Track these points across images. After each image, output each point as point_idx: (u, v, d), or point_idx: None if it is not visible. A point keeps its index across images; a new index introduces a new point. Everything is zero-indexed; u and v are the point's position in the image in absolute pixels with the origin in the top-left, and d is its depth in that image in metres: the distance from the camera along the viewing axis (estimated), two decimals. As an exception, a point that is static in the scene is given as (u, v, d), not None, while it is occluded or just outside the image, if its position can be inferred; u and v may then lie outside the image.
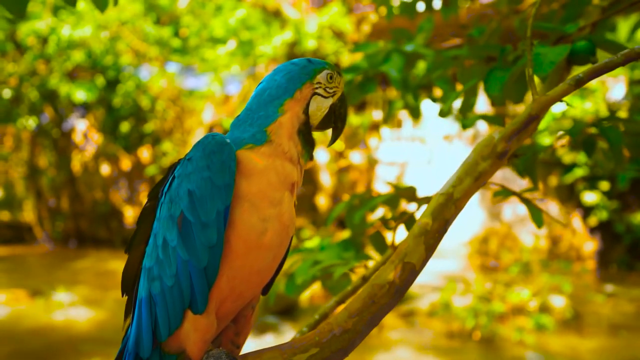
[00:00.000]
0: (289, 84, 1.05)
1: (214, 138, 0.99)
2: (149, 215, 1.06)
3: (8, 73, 10.60)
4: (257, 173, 0.99)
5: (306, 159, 1.06)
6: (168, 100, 12.06)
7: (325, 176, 12.58)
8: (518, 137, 0.93)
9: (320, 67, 1.07)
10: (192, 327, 0.96)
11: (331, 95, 1.08)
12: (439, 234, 0.92)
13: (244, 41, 10.71)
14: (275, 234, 1.00)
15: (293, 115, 1.04)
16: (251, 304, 1.08)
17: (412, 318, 8.42)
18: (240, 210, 0.97)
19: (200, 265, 0.93)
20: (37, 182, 12.60)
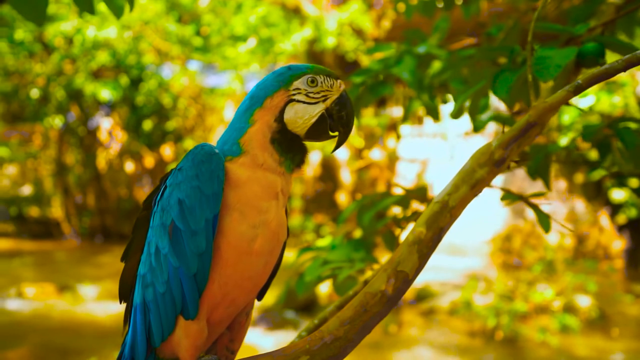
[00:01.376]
0: (261, 92, 1.04)
1: (202, 148, 1.00)
2: (143, 224, 1.08)
3: (36, 73, 10.91)
4: (241, 184, 1.00)
5: (289, 167, 1.04)
6: (189, 98, 12.22)
7: (345, 173, 12.56)
8: (516, 144, 0.91)
9: (299, 72, 1.05)
10: (183, 333, 0.97)
11: (320, 101, 1.04)
12: (433, 242, 0.91)
13: (264, 39, 10.76)
14: (265, 240, 1.01)
15: (263, 125, 1.02)
16: (245, 310, 1.10)
17: (432, 316, 8.35)
18: (230, 219, 0.98)
19: (190, 272, 0.95)
20: (65, 179, 12.94)
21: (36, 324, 7.49)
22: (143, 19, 10.57)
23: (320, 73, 1.05)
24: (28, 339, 6.86)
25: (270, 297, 8.16)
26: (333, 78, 1.06)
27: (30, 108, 12.09)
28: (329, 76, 1.05)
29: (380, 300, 0.88)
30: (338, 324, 0.88)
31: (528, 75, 0.96)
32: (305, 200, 13.02)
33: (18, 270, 9.99)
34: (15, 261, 10.74)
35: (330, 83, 1.05)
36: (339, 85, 1.06)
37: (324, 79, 1.04)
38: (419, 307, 8.68)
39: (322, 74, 1.05)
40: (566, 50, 1.06)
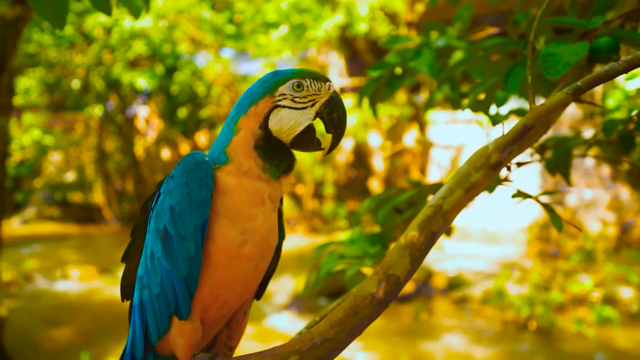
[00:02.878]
0: (246, 100, 1.05)
1: (193, 157, 1.03)
2: (141, 228, 1.13)
3: (76, 64, 11.29)
4: (229, 191, 1.02)
5: (274, 173, 1.04)
6: (223, 86, 12.37)
7: (377, 160, 12.48)
8: (515, 147, 0.89)
9: (283, 77, 1.03)
10: (178, 332, 1.02)
11: (308, 105, 1.03)
12: (426, 246, 0.91)
13: (295, 25, 10.72)
14: (255, 245, 1.03)
15: (247, 132, 1.02)
16: (242, 309, 1.13)
17: (464, 305, 8.26)
18: (219, 225, 1.01)
19: (181, 275, 0.98)
20: (105, 166, 13.41)
21: (81, 304, 7.87)
22: (177, 7, 10.72)
23: (306, 77, 1.03)
24: (74, 319, 7.22)
25: (302, 283, 8.27)
26: (321, 81, 1.04)
27: (72, 98, 12.56)
28: (316, 79, 1.03)
29: (371, 303, 0.89)
30: (328, 326, 0.89)
31: (527, 76, 0.93)
32: (337, 186, 13.03)
33: (64, 253, 10.50)
34: (61, 244, 11.28)
35: (318, 86, 1.03)
36: (328, 88, 1.04)
37: (310, 82, 1.03)
38: (450, 296, 8.60)
39: (308, 78, 1.03)
40: (577, 46, 1.01)
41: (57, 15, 1.42)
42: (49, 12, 1.41)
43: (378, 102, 1.89)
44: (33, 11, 1.50)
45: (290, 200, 13.29)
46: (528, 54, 0.96)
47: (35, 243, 11.16)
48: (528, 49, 0.97)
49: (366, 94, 1.88)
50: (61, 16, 1.42)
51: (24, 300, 7.74)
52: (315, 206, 13.09)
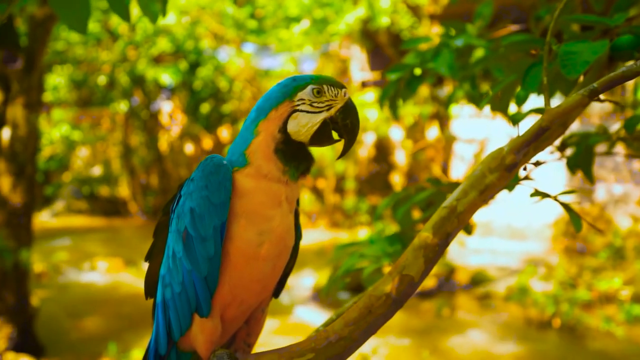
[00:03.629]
0: (266, 104, 1.07)
1: (212, 160, 1.06)
2: (164, 228, 1.17)
3: (102, 61, 11.54)
4: (247, 194, 1.05)
5: (294, 175, 1.07)
6: (245, 81, 12.46)
7: (400, 154, 12.39)
8: (531, 148, 0.88)
9: (303, 83, 1.06)
10: (199, 329, 1.06)
11: (324, 109, 1.06)
12: (440, 247, 0.91)
13: (317, 19, 10.69)
14: (272, 245, 1.06)
15: (267, 136, 1.05)
16: (261, 307, 1.17)
17: (487, 301, 8.18)
18: (238, 226, 1.04)
19: (202, 275, 1.02)
20: (130, 161, 13.70)
21: (107, 296, 8.08)
22: (200, 3, 10.82)
23: (324, 83, 1.06)
24: (101, 309, 7.43)
25: (324, 277, 8.31)
26: (338, 87, 1.07)
27: (99, 94, 12.86)
28: (333, 86, 1.07)
29: (385, 303, 0.90)
30: (343, 324, 0.91)
31: (543, 77, 0.92)
32: (359, 181, 13.00)
33: (91, 246, 10.79)
34: (88, 237, 11.60)
35: (335, 92, 1.07)
36: (344, 94, 1.07)
37: (328, 88, 1.06)
38: (473, 292, 8.52)
39: (326, 84, 1.06)
40: (597, 44, 0.99)
41: (79, 20, 1.46)
42: (71, 17, 1.46)
43: (398, 103, 1.89)
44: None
45: (312, 194, 13.34)
46: (544, 54, 0.95)
47: (64, 235, 11.50)
48: (545, 49, 0.96)
49: (386, 97, 1.89)
50: (83, 21, 1.46)
51: (54, 291, 7.99)
52: (337, 201, 13.10)
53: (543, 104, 1.86)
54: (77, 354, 5.99)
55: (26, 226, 5.71)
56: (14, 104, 5.49)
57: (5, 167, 5.51)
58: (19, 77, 5.45)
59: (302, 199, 13.36)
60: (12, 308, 5.58)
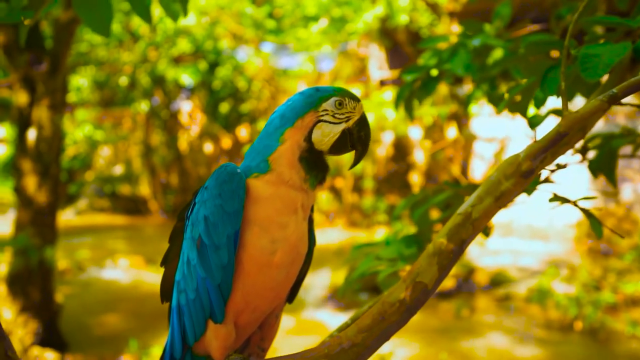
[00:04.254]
0: (291, 113, 1.09)
1: (226, 168, 1.08)
2: (179, 234, 1.19)
3: (123, 62, 11.74)
4: (263, 200, 1.06)
5: (313, 184, 1.09)
6: (263, 80, 12.52)
7: (418, 153, 12.30)
8: (549, 154, 0.86)
9: (327, 95, 1.10)
10: (213, 335, 1.08)
11: (343, 121, 1.10)
12: (454, 254, 0.90)
13: (335, 18, 10.69)
14: (285, 253, 1.07)
15: (293, 144, 1.07)
16: (274, 312, 1.18)
17: (507, 302, 8.07)
18: (251, 234, 1.05)
19: (215, 283, 1.04)
20: (151, 160, 13.90)
21: (129, 293, 8.21)
22: (219, 4, 10.91)
23: (345, 95, 1.11)
24: (122, 306, 7.57)
25: (341, 278, 8.31)
26: (355, 101, 1.11)
27: (120, 94, 13.08)
28: (352, 99, 1.11)
29: (398, 310, 0.90)
30: (356, 331, 0.91)
31: (561, 82, 0.90)
32: (377, 180, 12.96)
33: (113, 243, 10.99)
34: (110, 235, 11.81)
35: (354, 105, 1.11)
36: (360, 107, 1.12)
37: (348, 101, 1.10)
38: (493, 293, 8.41)
39: (347, 97, 1.10)
40: (618, 46, 0.96)
41: (102, 23, 1.49)
42: (94, 21, 1.49)
43: (414, 104, 1.88)
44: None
45: (330, 193, 13.33)
46: (562, 58, 0.93)
47: (87, 233, 11.73)
48: (562, 53, 0.94)
49: (401, 98, 1.88)
50: (106, 24, 1.49)
51: (77, 287, 8.16)
52: (355, 200, 13.07)
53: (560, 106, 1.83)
54: (100, 350, 6.11)
55: (50, 224, 5.84)
56: (39, 106, 5.62)
57: (31, 167, 5.65)
58: (44, 79, 5.58)
59: (320, 198, 13.37)
60: (37, 304, 5.73)
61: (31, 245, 5.53)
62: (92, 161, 14.60)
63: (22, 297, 5.65)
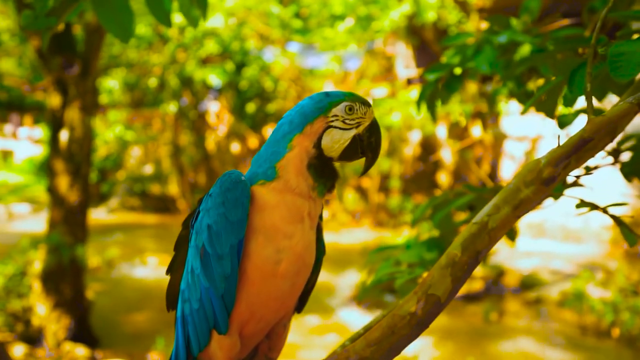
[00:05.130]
0: (300, 119, 1.06)
1: (230, 176, 1.05)
2: (184, 242, 1.16)
3: (153, 63, 11.96)
4: (269, 208, 1.03)
5: (321, 192, 1.05)
6: (289, 80, 12.56)
7: (446, 152, 12.11)
8: (573, 159, 0.80)
9: (337, 100, 1.06)
10: (217, 346, 1.05)
11: (354, 127, 1.06)
12: (469, 266, 0.85)
13: (362, 17, 10.61)
14: (290, 264, 1.03)
15: (302, 151, 1.04)
16: (282, 322, 1.14)
17: (539, 306, 7.85)
18: (256, 243, 1.02)
19: (218, 293, 1.01)
20: (179, 160, 14.14)
21: (157, 290, 8.35)
22: (246, 5, 10.99)
23: (356, 101, 1.07)
24: (151, 304, 7.70)
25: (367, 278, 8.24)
26: (366, 106, 1.08)
27: (150, 95, 13.35)
28: (363, 104, 1.07)
29: (409, 323, 0.85)
30: (365, 345, 0.87)
31: (587, 83, 0.84)
32: (404, 180, 12.82)
33: (142, 242, 11.22)
34: (140, 233, 12.06)
35: (364, 110, 1.07)
36: (371, 113, 1.08)
37: (359, 106, 1.07)
38: (524, 296, 8.20)
39: (357, 102, 1.07)
40: (651, 44, 0.90)
41: (124, 29, 1.50)
42: (116, 27, 1.50)
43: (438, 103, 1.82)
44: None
45: (356, 193, 13.27)
46: (589, 57, 0.87)
47: (118, 231, 12.02)
48: (589, 51, 0.87)
49: (424, 99, 1.82)
50: (127, 30, 1.50)
51: (108, 285, 8.36)
52: (381, 200, 12.97)
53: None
54: (128, 346, 6.23)
55: (81, 223, 6.00)
56: (71, 107, 5.78)
57: (63, 167, 5.81)
58: (76, 81, 5.73)
59: (346, 198, 13.32)
60: (69, 300, 5.89)
61: (63, 243, 5.69)
62: (123, 161, 14.97)
63: (55, 293, 5.82)
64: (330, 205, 13.46)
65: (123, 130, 13.53)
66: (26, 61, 11.13)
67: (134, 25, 1.53)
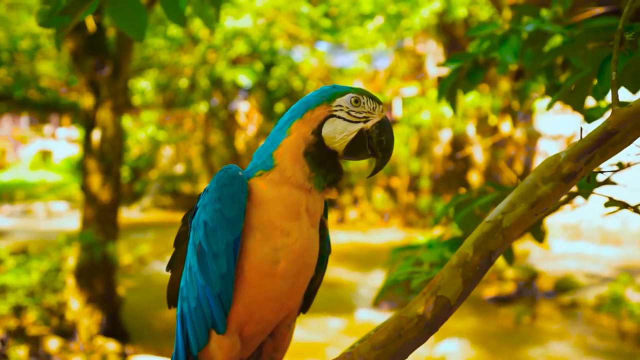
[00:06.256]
0: (302, 106, 1.02)
1: (226, 171, 1.01)
2: (184, 239, 1.13)
3: (184, 65, 12.20)
4: (265, 203, 0.99)
5: (319, 183, 1.00)
6: (318, 79, 12.56)
7: (477, 151, 11.86)
8: (594, 155, 0.74)
9: (343, 90, 1.02)
10: (217, 346, 1.02)
11: (361, 121, 1.01)
12: (481, 266, 0.80)
13: (391, 15, 10.52)
14: (289, 263, 0.99)
15: (299, 136, 1.00)
16: (286, 322, 1.10)
17: (574, 310, 7.58)
18: (253, 240, 0.98)
19: (215, 292, 0.98)
20: (210, 159, 14.37)
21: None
22: (275, 5, 11.05)
23: (363, 94, 1.03)
24: (180, 300, 7.83)
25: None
26: (376, 102, 1.04)
27: (181, 96, 13.62)
28: (372, 99, 1.03)
29: (417, 326, 0.81)
30: (369, 348, 0.83)
31: (612, 72, 0.77)
32: (434, 180, 12.63)
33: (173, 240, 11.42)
34: (171, 231, 12.27)
35: (373, 106, 1.03)
36: (381, 110, 1.04)
37: (366, 100, 1.02)
38: (558, 300, 7.94)
39: (365, 95, 1.03)
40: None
41: (136, 28, 1.50)
42: (129, 26, 1.51)
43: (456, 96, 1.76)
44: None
45: (385, 193, 13.16)
46: (615, 44, 0.80)
47: (150, 229, 12.29)
48: (615, 38, 0.81)
49: (445, 89, 1.75)
50: (140, 28, 1.51)
51: (139, 281, 8.55)
52: (411, 200, 12.82)
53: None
54: (159, 342, 6.35)
55: (113, 221, 6.15)
56: (103, 108, 5.93)
57: (95, 166, 5.97)
58: (107, 82, 5.88)
59: (375, 198, 13.22)
60: (101, 296, 6.05)
61: (95, 240, 5.84)
62: (155, 160, 15.32)
63: (88, 289, 5.99)
64: (359, 205, 13.38)
65: (155, 130, 13.85)
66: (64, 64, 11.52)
67: (147, 23, 1.53)
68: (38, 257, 6.60)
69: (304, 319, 6.79)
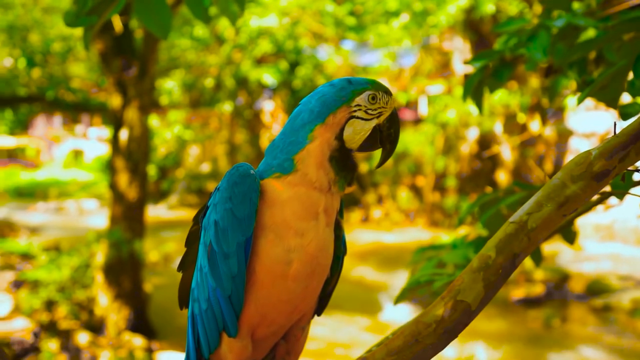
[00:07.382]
0: (322, 108, 0.98)
1: (238, 169, 0.98)
2: (195, 239, 1.10)
3: (209, 64, 12.34)
4: (280, 203, 0.96)
5: (342, 185, 0.98)
6: (343, 78, 12.53)
7: (505, 150, 11.60)
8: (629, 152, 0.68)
9: (360, 88, 0.99)
10: (228, 349, 1.00)
11: (375, 117, 0.99)
12: (504, 270, 0.75)
13: (417, 12, 10.39)
14: (302, 265, 0.96)
15: (323, 142, 0.96)
16: (300, 325, 1.07)
17: (608, 314, 7.35)
18: (265, 241, 0.96)
19: (225, 294, 0.96)
20: (235, 158, 14.51)
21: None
22: (300, 4, 11.06)
23: (379, 89, 1.00)
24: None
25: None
26: (388, 95, 1.01)
27: (207, 96, 13.79)
28: (385, 92, 1.01)
29: (435, 332, 0.76)
30: (385, 354, 0.79)
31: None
32: (460, 179, 12.43)
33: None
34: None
35: (386, 100, 1.01)
36: (392, 102, 1.02)
37: (382, 95, 1.00)
38: (590, 303, 7.71)
39: (381, 90, 1.00)
40: None
41: (161, 26, 1.51)
42: (154, 23, 1.52)
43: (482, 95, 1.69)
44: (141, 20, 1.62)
45: (410, 192, 13.02)
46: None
47: (177, 227, 12.49)
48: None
49: (470, 87, 1.69)
50: (165, 26, 1.52)
51: (166, 278, 8.68)
52: (436, 199, 12.65)
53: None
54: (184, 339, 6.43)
55: (139, 219, 6.26)
56: (130, 107, 6.04)
57: (123, 165, 6.09)
58: (134, 82, 5.98)
59: (400, 197, 13.10)
60: (128, 292, 6.17)
61: (122, 238, 5.96)
62: (182, 159, 15.56)
63: (116, 285, 6.11)
64: (384, 204, 13.28)
65: (182, 129, 14.06)
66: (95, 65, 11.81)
67: (171, 21, 1.54)
68: (69, 253, 6.78)
69: (328, 317, 6.75)
